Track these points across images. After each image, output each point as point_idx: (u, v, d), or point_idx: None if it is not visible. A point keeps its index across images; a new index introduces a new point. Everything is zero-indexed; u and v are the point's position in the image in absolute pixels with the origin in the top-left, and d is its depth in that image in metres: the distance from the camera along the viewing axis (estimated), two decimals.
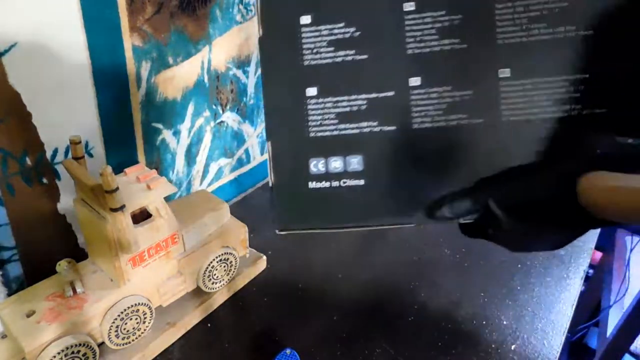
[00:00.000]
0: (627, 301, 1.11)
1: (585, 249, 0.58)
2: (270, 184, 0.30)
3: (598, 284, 1.29)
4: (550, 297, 0.50)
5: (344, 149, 0.29)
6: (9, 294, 0.42)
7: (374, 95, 0.29)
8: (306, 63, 0.29)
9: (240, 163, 0.69)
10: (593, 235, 0.60)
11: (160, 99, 0.51)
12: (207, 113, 0.58)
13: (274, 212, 0.30)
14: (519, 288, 0.51)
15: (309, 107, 0.29)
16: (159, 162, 0.54)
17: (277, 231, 0.30)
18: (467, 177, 0.28)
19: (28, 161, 0.40)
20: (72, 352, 0.36)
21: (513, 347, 0.43)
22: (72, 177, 0.37)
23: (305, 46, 0.29)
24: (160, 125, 0.52)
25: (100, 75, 0.43)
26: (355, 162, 0.29)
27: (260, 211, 0.65)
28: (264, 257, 0.53)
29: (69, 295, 0.37)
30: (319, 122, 0.29)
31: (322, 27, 0.29)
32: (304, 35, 0.29)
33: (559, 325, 0.46)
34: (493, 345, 0.43)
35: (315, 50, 0.29)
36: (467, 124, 0.28)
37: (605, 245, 1.36)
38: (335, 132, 0.29)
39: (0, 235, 0.40)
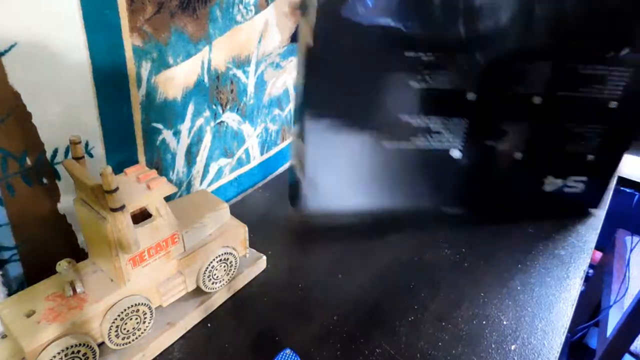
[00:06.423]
0: (627, 301, 1.11)
1: (585, 249, 0.58)
2: None
3: (598, 284, 1.29)
4: (550, 297, 0.50)
5: None
6: (9, 294, 0.42)
7: None
8: None
9: (240, 163, 0.69)
10: (593, 235, 0.60)
11: (160, 99, 0.51)
12: (207, 113, 0.58)
13: None
14: (519, 288, 0.51)
15: None
16: (159, 162, 0.54)
17: None
18: None
19: (28, 161, 0.40)
20: (72, 352, 0.36)
21: (513, 347, 0.43)
22: (72, 177, 0.37)
23: None
24: (160, 125, 0.52)
25: (100, 75, 0.43)
26: None
27: (260, 211, 0.65)
28: (264, 257, 0.53)
29: (69, 295, 0.37)
30: None
31: None
32: None
33: (559, 325, 0.46)
34: (493, 345, 0.43)
35: None
36: None
37: (605, 245, 1.36)
38: None
39: (0, 235, 0.40)
